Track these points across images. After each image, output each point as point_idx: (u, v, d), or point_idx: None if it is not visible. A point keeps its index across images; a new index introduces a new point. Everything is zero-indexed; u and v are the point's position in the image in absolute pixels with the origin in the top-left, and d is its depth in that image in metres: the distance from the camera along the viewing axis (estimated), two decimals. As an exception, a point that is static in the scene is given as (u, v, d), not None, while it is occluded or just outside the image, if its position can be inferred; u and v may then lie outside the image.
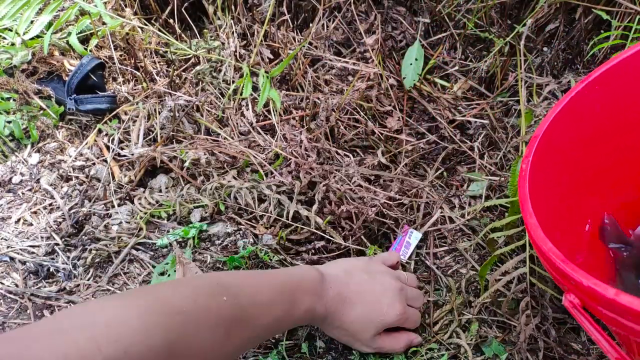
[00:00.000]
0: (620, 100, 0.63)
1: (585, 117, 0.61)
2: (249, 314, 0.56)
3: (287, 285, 0.62)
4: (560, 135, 0.59)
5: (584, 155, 0.63)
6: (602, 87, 0.60)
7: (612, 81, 0.61)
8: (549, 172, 0.59)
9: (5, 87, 1.01)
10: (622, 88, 0.62)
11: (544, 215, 0.51)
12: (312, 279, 0.65)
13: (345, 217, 0.84)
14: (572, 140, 0.61)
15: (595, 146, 0.63)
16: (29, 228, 0.89)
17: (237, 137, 0.98)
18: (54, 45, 1.08)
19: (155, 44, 1.12)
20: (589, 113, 0.61)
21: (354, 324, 0.67)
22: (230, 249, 0.85)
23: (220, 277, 0.58)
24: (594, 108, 0.61)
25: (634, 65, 0.61)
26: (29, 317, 0.78)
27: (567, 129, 0.60)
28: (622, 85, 0.62)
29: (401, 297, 0.69)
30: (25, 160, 0.99)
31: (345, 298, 0.66)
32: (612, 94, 0.62)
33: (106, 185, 0.94)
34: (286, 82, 1.06)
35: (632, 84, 0.62)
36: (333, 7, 1.09)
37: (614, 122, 0.63)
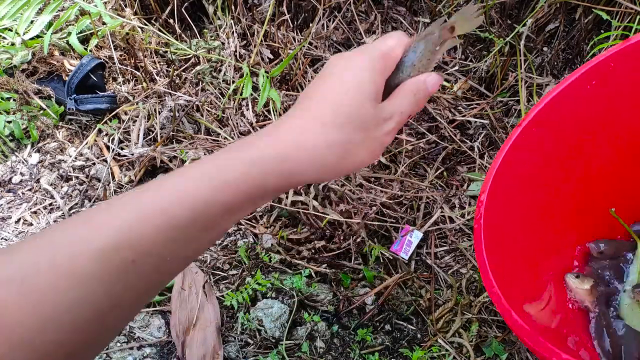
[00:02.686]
0: (561, 139, 0.61)
1: (531, 157, 0.59)
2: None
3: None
4: (508, 185, 0.57)
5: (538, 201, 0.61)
6: (539, 128, 0.58)
7: (550, 120, 0.59)
8: (504, 228, 0.56)
9: (5, 87, 1.01)
10: (561, 126, 0.60)
11: (507, 275, 0.50)
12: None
13: (346, 216, 0.84)
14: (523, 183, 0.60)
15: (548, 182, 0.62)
16: (29, 228, 0.89)
17: (237, 137, 0.98)
18: (54, 45, 1.08)
19: (155, 44, 1.12)
20: (533, 155, 0.60)
21: (322, 108, 0.42)
22: (230, 248, 0.85)
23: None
24: (541, 146, 0.60)
25: (567, 103, 0.59)
26: (28, 317, 0.78)
27: (515, 175, 0.58)
28: (561, 123, 0.60)
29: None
30: (25, 160, 0.99)
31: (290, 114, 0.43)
32: (553, 134, 0.60)
33: (106, 185, 0.94)
34: (286, 82, 1.06)
35: (569, 122, 0.61)
36: (333, 7, 1.09)
37: (560, 158, 0.62)
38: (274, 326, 0.77)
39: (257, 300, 0.80)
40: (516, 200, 0.58)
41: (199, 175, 0.37)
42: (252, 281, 0.81)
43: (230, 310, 0.80)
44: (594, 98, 0.59)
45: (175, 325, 0.77)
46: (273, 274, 0.83)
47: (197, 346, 0.75)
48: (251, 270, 0.83)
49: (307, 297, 0.81)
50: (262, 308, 0.79)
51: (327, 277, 0.83)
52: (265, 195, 0.39)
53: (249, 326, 0.78)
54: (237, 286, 0.82)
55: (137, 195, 0.36)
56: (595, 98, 0.59)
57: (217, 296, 0.81)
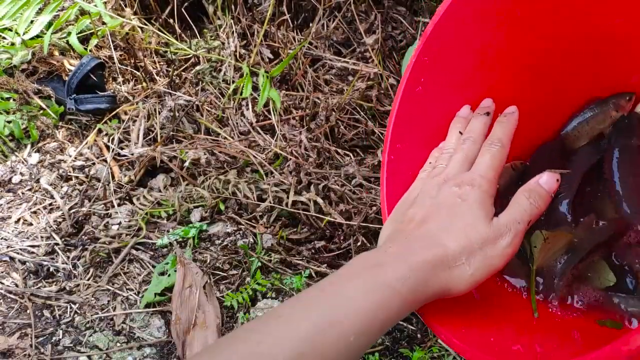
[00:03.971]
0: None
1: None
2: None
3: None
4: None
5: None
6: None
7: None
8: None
9: (5, 87, 1.01)
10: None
11: None
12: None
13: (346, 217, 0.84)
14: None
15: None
16: (28, 228, 0.89)
17: (237, 137, 0.98)
18: (54, 45, 1.08)
19: (155, 44, 1.12)
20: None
21: (440, 233, 0.44)
22: (230, 248, 0.85)
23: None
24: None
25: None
26: (28, 317, 0.78)
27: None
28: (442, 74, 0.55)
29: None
30: (25, 160, 0.99)
31: (408, 234, 0.46)
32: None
33: (106, 185, 0.94)
34: (286, 82, 1.06)
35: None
36: (333, 6, 1.09)
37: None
38: (274, 326, 0.77)
39: (257, 301, 0.80)
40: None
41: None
42: (252, 281, 0.81)
43: (230, 311, 0.80)
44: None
45: (176, 325, 0.77)
46: (273, 274, 0.83)
47: (198, 346, 0.75)
48: (251, 270, 0.83)
49: (307, 297, 0.81)
50: (262, 308, 0.79)
51: (327, 277, 0.83)
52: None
53: (249, 326, 0.78)
54: (237, 286, 0.82)
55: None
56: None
57: (217, 296, 0.81)
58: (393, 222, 0.50)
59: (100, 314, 0.79)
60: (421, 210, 0.48)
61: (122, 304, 0.81)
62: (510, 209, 0.46)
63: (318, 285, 0.41)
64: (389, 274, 0.41)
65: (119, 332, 0.78)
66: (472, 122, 0.54)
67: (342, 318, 0.38)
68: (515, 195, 0.47)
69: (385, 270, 0.41)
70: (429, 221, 0.46)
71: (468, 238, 0.43)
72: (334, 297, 0.40)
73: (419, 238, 0.45)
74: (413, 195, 0.51)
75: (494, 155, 0.49)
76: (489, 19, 0.53)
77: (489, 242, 0.43)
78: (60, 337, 0.77)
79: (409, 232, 0.46)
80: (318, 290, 0.41)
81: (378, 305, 0.39)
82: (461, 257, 0.43)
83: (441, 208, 0.46)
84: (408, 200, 0.51)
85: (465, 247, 0.43)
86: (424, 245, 0.43)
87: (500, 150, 0.50)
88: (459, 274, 0.43)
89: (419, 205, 0.49)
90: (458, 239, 0.43)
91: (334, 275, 0.42)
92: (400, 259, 0.42)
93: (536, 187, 0.47)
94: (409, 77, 0.54)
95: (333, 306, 0.39)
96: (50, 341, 0.77)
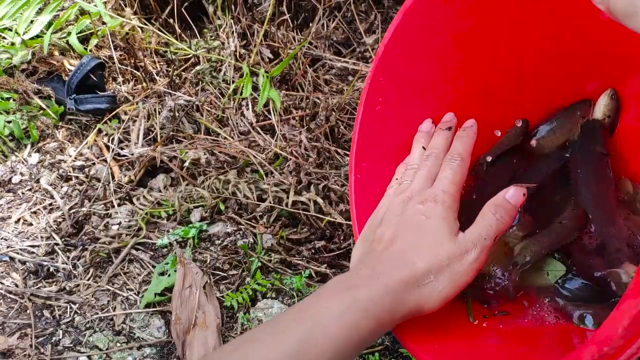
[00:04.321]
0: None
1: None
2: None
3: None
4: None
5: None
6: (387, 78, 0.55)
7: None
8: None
9: (5, 87, 1.01)
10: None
11: None
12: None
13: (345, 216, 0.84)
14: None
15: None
16: (28, 228, 0.89)
17: (237, 137, 0.98)
18: (54, 45, 1.08)
19: (155, 44, 1.12)
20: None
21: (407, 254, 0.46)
22: (230, 248, 0.85)
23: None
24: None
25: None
26: (28, 317, 0.78)
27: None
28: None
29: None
30: (25, 160, 0.99)
31: (378, 255, 0.48)
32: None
33: (106, 185, 0.94)
34: (286, 82, 1.06)
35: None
36: (333, 6, 1.09)
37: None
38: (274, 326, 0.77)
39: (257, 301, 0.80)
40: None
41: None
42: (252, 281, 0.81)
43: (230, 311, 0.80)
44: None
45: (176, 325, 0.77)
46: (273, 274, 0.83)
47: (198, 346, 0.75)
48: (251, 270, 0.83)
49: (307, 297, 0.81)
50: (262, 308, 0.79)
51: (327, 277, 0.83)
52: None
53: (249, 326, 0.78)
54: (237, 286, 0.82)
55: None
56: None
57: (217, 296, 0.81)
58: (363, 242, 0.51)
59: (100, 314, 0.79)
60: (388, 229, 0.49)
61: (122, 304, 0.81)
62: (477, 224, 0.47)
63: (294, 308, 0.43)
64: (361, 296, 0.42)
65: (119, 332, 0.78)
66: (434, 137, 0.56)
67: (317, 342, 0.39)
68: (482, 210, 0.47)
69: (358, 292, 0.42)
70: (397, 241, 0.47)
71: (435, 256, 0.44)
72: (309, 319, 0.41)
73: (388, 259, 0.46)
74: (380, 213, 0.52)
75: (455, 170, 0.51)
76: (439, 35, 0.54)
77: (455, 258, 0.45)
78: (60, 337, 0.77)
79: (379, 252, 0.47)
80: (294, 314, 0.42)
81: (352, 326, 0.40)
82: (429, 275, 0.44)
83: (407, 227, 0.48)
84: (376, 219, 0.52)
85: (433, 265, 0.44)
86: (394, 266, 0.45)
87: (461, 164, 0.51)
88: (429, 291, 0.44)
89: (386, 224, 0.50)
90: (425, 257, 0.44)
91: (309, 297, 0.44)
92: (372, 280, 0.43)
93: (503, 202, 0.47)
94: (366, 98, 0.56)
95: (309, 328, 0.40)
96: (50, 341, 0.77)
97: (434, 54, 0.55)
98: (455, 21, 0.53)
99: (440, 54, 0.55)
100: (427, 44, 0.55)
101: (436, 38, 0.54)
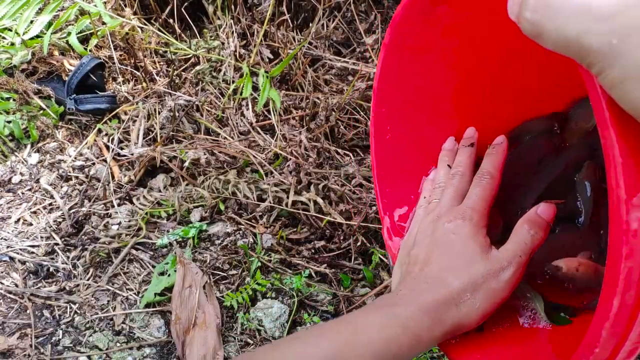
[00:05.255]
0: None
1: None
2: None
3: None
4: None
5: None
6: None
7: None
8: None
9: (5, 87, 1.01)
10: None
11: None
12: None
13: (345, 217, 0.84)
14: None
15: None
16: (28, 228, 0.89)
17: (237, 137, 0.98)
18: (54, 45, 1.08)
19: (155, 44, 1.12)
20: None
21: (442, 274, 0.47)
22: (230, 248, 0.85)
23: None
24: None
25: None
26: (28, 317, 0.78)
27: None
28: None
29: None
30: (25, 160, 0.99)
31: (415, 276, 0.48)
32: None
33: (106, 185, 0.94)
34: (286, 82, 1.06)
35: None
36: (333, 6, 1.09)
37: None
38: (274, 326, 0.77)
39: (257, 301, 0.80)
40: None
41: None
42: (252, 281, 0.81)
43: (230, 311, 0.80)
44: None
45: (176, 325, 0.77)
46: (273, 274, 0.83)
47: (197, 346, 0.75)
48: (251, 270, 0.83)
49: (307, 297, 0.81)
50: (262, 308, 0.79)
51: (327, 277, 0.83)
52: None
53: (249, 326, 0.78)
54: (237, 286, 0.82)
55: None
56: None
57: (217, 296, 0.81)
58: (400, 265, 0.53)
59: (100, 314, 0.79)
60: (422, 250, 0.50)
61: (122, 304, 0.81)
62: (512, 241, 0.47)
63: (334, 319, 0.45)
64: (401, 313, 0.43)
65: (118, 332, 0.78)
66: (458, 155, 0.57)
67: (356, 349, 0.41)
68: (516, 227, 0.48)
69: (398, 309, 0.44)
70: (431, 261, 0.48)
71: (469, 275, 0.46)
72: (349, 329, 0.42)
73: (424, 280, 0.47)
74: (412, 234, 0.54)
75: (484, 187, 0.52)
76: (427, 55, 0.55)
77: (490, 277, 0.45)
78: (60, 337, 0.77)
79: (415, 274, 0.49)
80: (335, 322, 0.44)
81: (391, 339, 0.42)
82: (466, 294, 0.45)
83: (439, 246, 0.49)
84: (409, 241, 0.54)
85: (468, 284, 0.45)
86: (430, 287, 0.46)
87: (490, 182, 0.52)
88: (467, 309, 0.45)
89: (418, 245, 0.51)
90: (460, 277, 0.45)
91: (351, 313, 0.46)
92: (411, 300, 0.45)
93: (536, 218, 0.48)
94: (374, 130, 0.58)
95: (348, 337, 0.41)
96: (50, 341, 0.77)
97: (427, 76, 0.57)
98: (438, 42, 0.54)
99: (433, 76, 0.57)
100: (417, 68, 0.56)
101: (424, 62, 0.56)
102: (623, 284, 0.28)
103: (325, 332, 0.43)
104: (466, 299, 0.45)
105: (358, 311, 0.45)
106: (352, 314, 0.45)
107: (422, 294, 0.45)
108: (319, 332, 0.43)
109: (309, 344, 0.41)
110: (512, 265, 0.46)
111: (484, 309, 0.45)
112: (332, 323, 0.44)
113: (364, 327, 0.42)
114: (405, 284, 0.48)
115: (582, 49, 0.26)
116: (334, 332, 0.42)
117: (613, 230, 0.29)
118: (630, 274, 0.28)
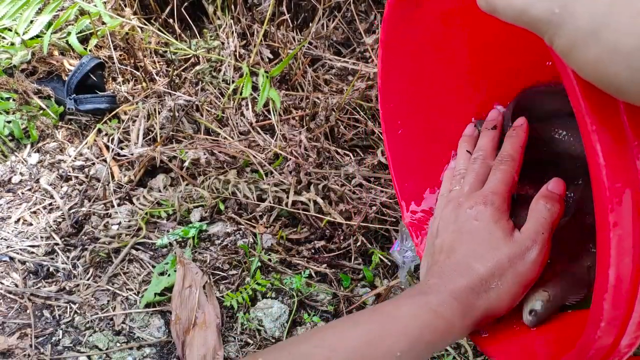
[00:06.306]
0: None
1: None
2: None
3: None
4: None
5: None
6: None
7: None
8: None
9: (5, 87, 1.01)
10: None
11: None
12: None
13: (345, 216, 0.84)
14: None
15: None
16: (28, 228, 0.89)
17: (237, 136, 0.98)
18: (54, 45, 1.08)
19: (155, 44, 1.12)
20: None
21: (465, 260, 0.46)
22: (230, 248, 0.85)
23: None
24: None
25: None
26: (28, 317, 0.78)
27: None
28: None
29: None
30: (24, 160, 0.99)
31: (441, 265, 0.48)
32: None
33: (106, 185, 0.94)
34: (286, 81, 1.06)
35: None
36: (333, 6, 1.09)
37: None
38: (274, 326, 0.77)
39: (257, 300, 0.80)
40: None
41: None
42: (252, 281, 0.81)
43: (230, 311, 0.80)
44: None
45: (176, 325, 0.77)
46: (273, 274, 0.83)
47: (197, 346, 0.75)
48: (251, 270, 0.83)
49: (307, 297, 0.81)
50: (262, 308, 0.79)
51: (327, 277, 0.83)
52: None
53: (249, 326, 0.78)
54: (237, 286, 0.82)
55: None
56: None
57: (217, 296, 0.81)
58: (427, 257, 0.53)
59: (100, 314, 0.79)
60: (446, 239, 0.50)
61: (122, 304, 0.81)
62: (531, 220, 0.47)
63: (367, 309, 0.46)
64: (432, 301, 0.43)
65: (118, 332, 0.78)
66: (480, 138, 0.56)
67: (390, 334, 0.41)
68: (531, 205, 0.48)
69: (429, 297, 0.44)
70: (456, 249, 0.48)
71: (495, 259, 0.45)
72: (382, 316, 0.43)
73: (452, 267, 0.47)
74: (435, 224, 0.53)
75: (505, 170, 0.51)
76: (424, 45, 0.55)
77: (516, 259, 0.45)
78: (60, 337, 0.77)
79: (442, 262, 0.48)
80: (368, 311, 0.45)
81: (424, 325, 0.42)
82: (494, 279, 0.45)
83: (463, 233, 0.48)
84: (433, 231, 0.53)
85: (495, 269, 0.45)
86: (458, 274, 0.46)
87: (512, 164, 0.51)
88: (497, 294, 0.44)
89: (442, 234, 0.51)
90: (486, 263, 0.45)
91: (381, 303, 0.46)
92: (440, 288, 0.45)
93: (549, 194, 0.48)
94: (385, 127, 0.58)
95: (382, 324, 0.42)
96: (50, 341, 0.77)
97: (427, 67, 0.57)
98: (434, 35, 0.54)
99: (432, 67, 0.57)
100: (415, 62, 0.56)
101: (422, 55, 0.56)
102: (616, 252, 0.28)
103: (358, 321, 0.43)
104: (494, 284, 0.44)
105: (388, 301, 0.45)
106: (383, 304, 0.45)
107: (450, 281, 0.45)
108: (352, 321, 0.43)
109: (345, 330, 0.41)
110: (537, 244, 0.45)
111: (514, 292, 0.44)
112: (365, 312, 0.45)
113: (397, 314, 0.42)
114: (433, 273, 0.48)
115: (531, 20, 0.27)
116: (368, 321, 0.43)
117: (598, 200, 0.28)
118: (622, 242, 0.28)
